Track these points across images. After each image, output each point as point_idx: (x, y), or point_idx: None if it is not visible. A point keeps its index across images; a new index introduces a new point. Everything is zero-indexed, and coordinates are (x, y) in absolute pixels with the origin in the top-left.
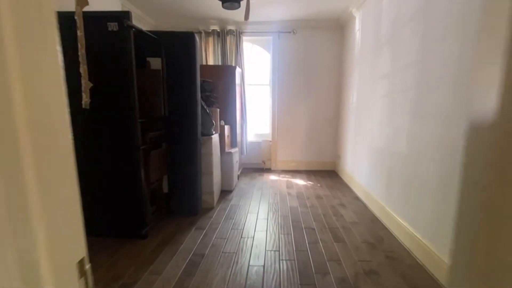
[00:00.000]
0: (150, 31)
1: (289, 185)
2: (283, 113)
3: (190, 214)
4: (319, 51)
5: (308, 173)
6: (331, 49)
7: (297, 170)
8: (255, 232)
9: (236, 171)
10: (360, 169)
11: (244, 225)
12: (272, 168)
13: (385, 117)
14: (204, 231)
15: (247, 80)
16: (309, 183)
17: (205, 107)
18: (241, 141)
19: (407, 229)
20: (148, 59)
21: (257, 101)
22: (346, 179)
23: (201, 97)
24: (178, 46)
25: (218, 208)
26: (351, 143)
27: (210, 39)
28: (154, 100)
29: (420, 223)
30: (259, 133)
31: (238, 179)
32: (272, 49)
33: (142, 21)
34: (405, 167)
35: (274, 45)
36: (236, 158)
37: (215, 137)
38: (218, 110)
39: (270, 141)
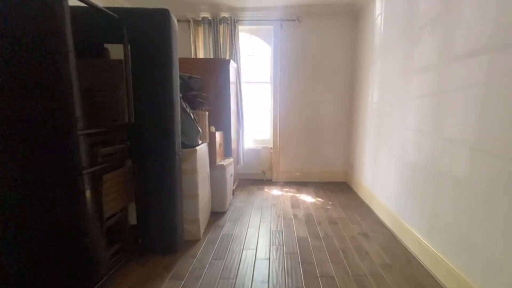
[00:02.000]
0: (108, 8)
1: (295, 203)
2: (286, 116)
3: (166, 252)
4: (329, 43)
5: (316, 186)
6: (343, 39)
7: (303, 182)
8: (253, 285)
9: (230, 187)
10: (385, 187)
11: (238, 270)
12: (274, 180)
13: (427, 124)
14: (182, 282)
15: (244, 77)
16: (318, 200)
17: (188, 110)
18: (237, 148)
19: (465, 283)
20: (106, 46)
21: (256, 101)
22: (363, 195)
23: (186, 97)
24: (147, 28)
25: (205, 241)
26: (370, 152)
27: (200, 29)
28: (114, 102)
29: (491, 282)
30: (259, 139)
31: (233, 195)
32: (273, 40)
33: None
34: (463, 197)
35: (276, 35)
36: (230, 171)
37: (202, 148)
38: (207, 113)
39: (271, 148)
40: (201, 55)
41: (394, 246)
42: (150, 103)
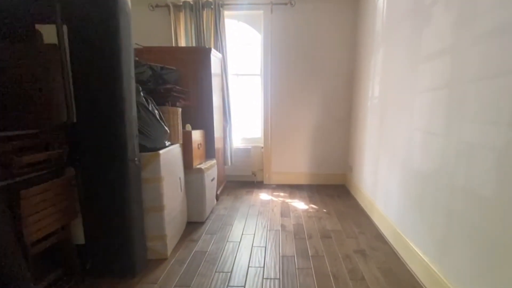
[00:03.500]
0: None
1: (285, 211)
2: (278, 112)
3: (123, 276)
4: (325, 29)
5: (311, 190)
6: (341, 25)
7: (297, 184)
8: None
9: (211, 192)
10: (387, 196)
11: None
12: (265, 182)
13: (439, 123)
14: None
15: (231, 69)
16: (312, 207)
17: (150, 107)
18: (224, 148)
19: None
20: (38, 27)
21: (246, 96)
22: (362, 201)
23: (157, 91)
24: (87, 4)
25: (173, 260)
26: (370, 154)
27: (181, 15)
28: (46, 95)
29: None
30: (248, 137)
31: (217, 199)
32: (263, 27)
33: None
34: (486, 219)
35: (266, 21)
36: (212, 175)
37: (171, 151)
38: (180, 110)
39: (262, 148)
40: (182, 44)
41: (396, 269)
42: (93, 98)
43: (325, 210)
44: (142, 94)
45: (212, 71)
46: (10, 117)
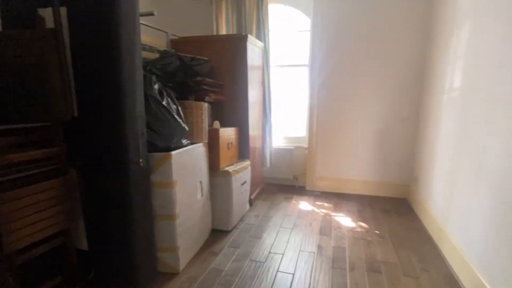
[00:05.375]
0: None
1: (326, 227)
2: (326, 108)
3: None
4: (389, 9)
5: (363, 202)
6: (409, 4)
7: (345, 194)
8: None
9: (241, 198)
10: (465, 224)
11: None
12: (308, 188)
13: None
14: None
15: (274, 60)
16: (361, 225)
17: (163, 100)
18: (263, 148)
19: None
20: (40, 12)
21: (290, 90)
22: (429, 224)
23: (186, 84)
24: None
25: (184, 277)
26: (444, 164)
27: (223, 4)
28: (42, 87)
29: None
30: (291, 136)
31: (251, 204)
32: (313, 9)
33: None
34: None
35: (317, 3)
36: (242, 178)
37: (190, 151)
38: (206, 105)
39: (306, 149)
40: (223, 33)
41: None
42: (91, 89)
43: (377, 232)
44: (157, 86)
45: (250, 61)
46: (6, 110)
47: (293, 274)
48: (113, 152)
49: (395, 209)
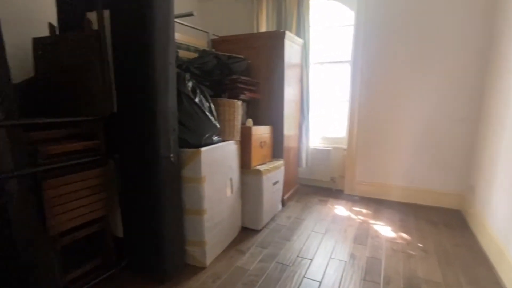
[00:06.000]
0: None
1: (361, 235)
2: (368, 107)
3: (155, 279)
4: (444, 1)
5: (406, 210)
6: None
7: (387, 200)
8: None
9: (273, 198)
10: None
11: None
12: (346, 191)
13: None
14: None
15: (314, 57)
16: (403, 236)
17: (196, 98)
18: (299, 147)
19: None
20: (88, 16)
21: (330, 88)
22: (484, 241)
23: (222, 82)
24: None
25: (209, 273)
26: (508, 173)
27: (264, 2)
28: (87, 85)
29: None
30: (330, 136)
31: (283, 205)
32: (357, 3)
33: None
34: None
35: None
36: (274, 178)
37: (218, 149)
38: (240, 103)
39: (345, 150)
40: (263, 30)
41: None
42: (128, 86)
43: (420, 245)
44: (190, 84)
45: (287, 59)
46: (57, 106)
47: (320, 282)
48: (145, 146)
49: (445, 221)
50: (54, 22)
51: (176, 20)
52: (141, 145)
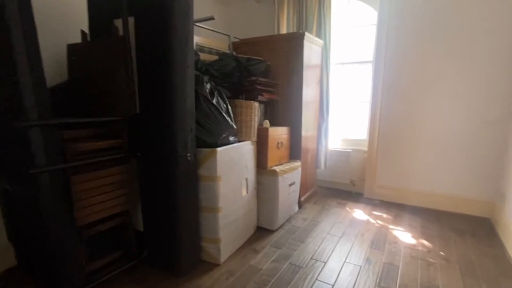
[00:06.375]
0: None
1: (379, 240)
2: (390, 108)
3: (170, 273)
4: (472, 2)
5: (429, 217)
6: None
7: (409, 206)
8: None
9: (288, 199)
10: None
11: None
12: (366, 195)
13: None
14: None
15: (335, 57)
16: (423, 243)
17: (213, 99)
18: (317, 149)
19: None
20: (115, 23)
21: (351, 89)
22: None
23: (241, 84)
24: None
25: (223, 269)
26: None
27: (285, 3)
28: (113, 87)
29: None
30: (350, 138)
31: (300, 207)
32: (380, 2)
33: None
34: None
35: None
36: (291, 179)
37: (234, 149)
38: (257, 104)
39: (366, 152)
40: (284, 32)
41: None
42: (149, 88)
43: (442, 253)
44: (208, 85)
45: (306, 60)
46: (87, 107)
47: (333, 286)
48: (164, 145)
49: (471, 230)
50: (86, 29)
51: (198, 24)
52: (160, 144)
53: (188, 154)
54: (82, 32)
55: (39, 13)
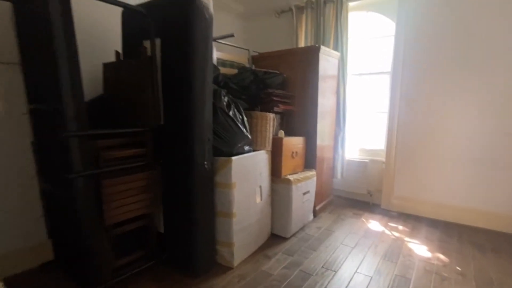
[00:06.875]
0: (140, 4)
1: (393, 252)
2: (409, 119)
3: (187, 274)
4: (494, 10)
5: (448, 231)
6: None
7: (428, 218)
8: None
9: (303, 207)
10: None
11: None
12: (383, 206)
13: None
14: None
15: (352, 68)
16: (439, 257)
17: (230, 111)
18: (334, 158)
19: None
20: (144, 44)
21: (369, 99)
22: None
23: (257, 96)
24: (173, 19)
25: (236, 273)
26: None
27: (303, 17)
28: (140, 101)
29: None
30: (367, 148)
31: (315, 215)
32: (398, 14)
33: (227, 9)
34: None
35: (402, 7)
36: (305, 188)
37: (248, 158)
38: (272, 115)
39: (383, 163)
40: (302, 45)
41: None
42: (171, 102)
43: (459, 268)
44: (226, 99)
45: (322, 72)
46: (119, 119)
47: None
48: (183, 154)
49: (493, 246)
50: (119, 49)
51: (220, 41)
52: (180, 153)
53: (205, 163)
54: (116, 52)
55: (79, 34)
